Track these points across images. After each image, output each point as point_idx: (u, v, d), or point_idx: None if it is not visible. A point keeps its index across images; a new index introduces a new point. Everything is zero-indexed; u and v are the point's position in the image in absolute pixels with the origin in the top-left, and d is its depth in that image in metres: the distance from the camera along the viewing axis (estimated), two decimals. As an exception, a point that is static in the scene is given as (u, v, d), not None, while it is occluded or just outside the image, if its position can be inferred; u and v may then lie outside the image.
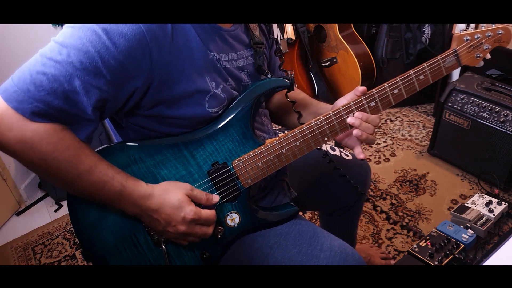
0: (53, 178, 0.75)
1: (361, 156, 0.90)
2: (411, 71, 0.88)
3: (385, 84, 0.88)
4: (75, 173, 0.73)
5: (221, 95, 0.83)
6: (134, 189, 0.78)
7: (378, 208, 1.87)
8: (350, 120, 0.87)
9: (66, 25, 0.72)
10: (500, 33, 0.91)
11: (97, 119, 0.76)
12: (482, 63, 0.94)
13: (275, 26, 2.61)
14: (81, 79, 0.69)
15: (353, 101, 0.87)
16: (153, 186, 0.80)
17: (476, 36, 0.91)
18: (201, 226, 0.82)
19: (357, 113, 0.87)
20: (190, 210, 0.78)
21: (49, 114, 0.69)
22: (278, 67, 1.08)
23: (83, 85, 0.69)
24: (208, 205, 0.83)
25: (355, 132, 0.87)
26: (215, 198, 0.85)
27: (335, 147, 1.24)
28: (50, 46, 0.70)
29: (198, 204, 0.82)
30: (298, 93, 1.10)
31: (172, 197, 0.79)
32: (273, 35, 1.05)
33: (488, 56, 0.93)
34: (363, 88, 0.87)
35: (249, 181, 0.89)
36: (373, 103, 0.88)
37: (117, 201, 0.78)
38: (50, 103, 0.68)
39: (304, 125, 0.87)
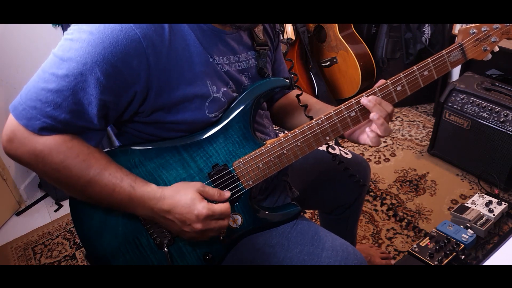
0: (67, 186, 0.78)
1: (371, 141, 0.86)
2: (415, 67, 0.86)
3: (388, 81, 0.86)
4: (86, 178, 0.75)
5: (222, 99, 0.83)
6: (144, 191, 0.78)
7: (384, 206, 1.87)
8: (363, 100, 0.84)
9: (64, 37, 0.73)
10: (509, 25, 0.87)
11: (103, 127, 0.78)
12: (490, 56, 0.90)
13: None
14: (83, 91, 0.71)
15: (354, 99, 0.86)
16: (164, 187, 0.81)
17: (483, 29, 0.87)
18: (217, 220, 0.82)
19: (370, 97, 0.84)
20: (203, 207, 0.78)
21: (57, 127, 0.72)
22: (288, 71, 1.07)
23: (85, 96, 0.71)
24: (220, 200, 0.84)
25: (372, 115, 0.83)
26: (227, 193, 0.85)
27: (334, 146, 1.24)
28: (51, 61, 0.72)
29: (210, 201, 0.82)
30: (308, 98, 1.08)
31: (184, 196, 0.79)
32: (279, 37, 1.04)
33: (496, 48, 0.89)
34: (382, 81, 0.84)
35: (250, 182, 0.88)
36: None
37: (128, 204, 0.79)
38: (56, 117, 0.71)
39: (305, 125, 0.87)
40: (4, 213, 2.09)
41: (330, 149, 1.20)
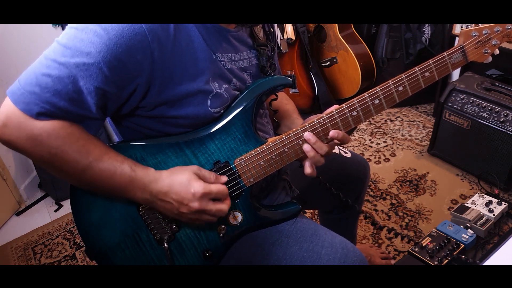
0: (64, 172, 0.77)
1: (307, 171, 0.90)
2: (416, 68, 0.87)
3: (390, 81, 0.86)
4: (85, 162, 0.75)
5: (224, 95, 0.84)
6: (144, 173, 0.79)
7: (370, 218, 1.87)
8: (306, 135, 0.86)
9: (69, 26, 0.73)
10: (510, 28, 0.88)
11: (101, 117, 0.78)
12: (490, 58, 0.90)
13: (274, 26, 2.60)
14: (84, 80, 0.70)
15: (356, 99, 0.86)
16: (161, 170, 0.81)
17: (484, 32, 0.88)
18: (214, 203, 0.81)
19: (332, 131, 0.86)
20: (199, 185, 0.79)
21: (55, 114, 0.72)
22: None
23: (86, 85, 0.71)
24: (217, 183, 0.83)
25: (305, 146, 0.87)
26: (223, 178, 0.85)
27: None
28: (54, 48, 0.72)
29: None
30: (285, 104, 1.10)
31: (180, 175, 0.79)
32: (274, 43, 1.05)
33: (497, 51, 0.90)
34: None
35: (251, 180, 0.89)
36: (377, 101, 0.87)
37: (128, 188, 0.79)
38: (55, 104, 0.71)
39: (306, 123, 0.87)
40: (4, 213, 2.09)
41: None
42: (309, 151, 0.87)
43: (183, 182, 0.79)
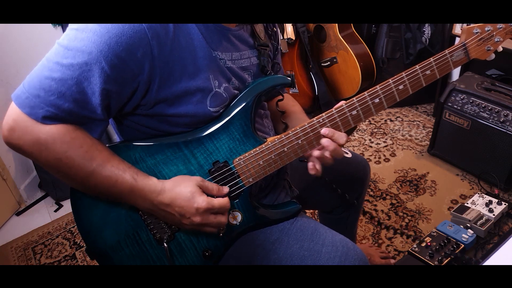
0: (68, 177, 0.77)
1: (311, 171, 0.90)
2: (417, 66, 0.86)
3: (390, 80, 0.86)
4: (89, 169, 0.75)
5: (223, 94, 0.84)
6: (145, 184, 0.79)
7: (369, 214, 1.87)
8: (323, 131, 0.86)
9: (69, 28, 0.73)
10: None
11: (106, 118, 0.78)
12: (493, 56, 0.90)
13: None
14: (87, 80, 0.71)
15: (356, 98, 0.86)
16: (164, 181, 0.81)
17: (486, 29, 0.87)
18: (216, 215, 0.82)
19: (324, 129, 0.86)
20: (202, 201, 0.79)
21: (60, 117, 0.72)
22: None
23: (90, 86, 0.71)
24: (219, 195, 0.84)
25: (323, 141, 0.86)
26: (225, 189, 0.86)
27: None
28: (56, 50, 0.72)
29: (209, 195, 0.82)
30: (292, 105, 1.10)
31: (184, 189, 0.80)
32: (278, 42, 1.05)
33: (500, 48, 0.89)
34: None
35: (251, 180, 0.89)
36: (377, 100, 0.86)
37: (129, 196, 0.79)
38: (60, 106, 0.71)
39: (305, 123, 0.87)
40: (4, 213, 2.09)
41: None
42: (328, 145, 0.86)
43: (187, 196, 0.79)
